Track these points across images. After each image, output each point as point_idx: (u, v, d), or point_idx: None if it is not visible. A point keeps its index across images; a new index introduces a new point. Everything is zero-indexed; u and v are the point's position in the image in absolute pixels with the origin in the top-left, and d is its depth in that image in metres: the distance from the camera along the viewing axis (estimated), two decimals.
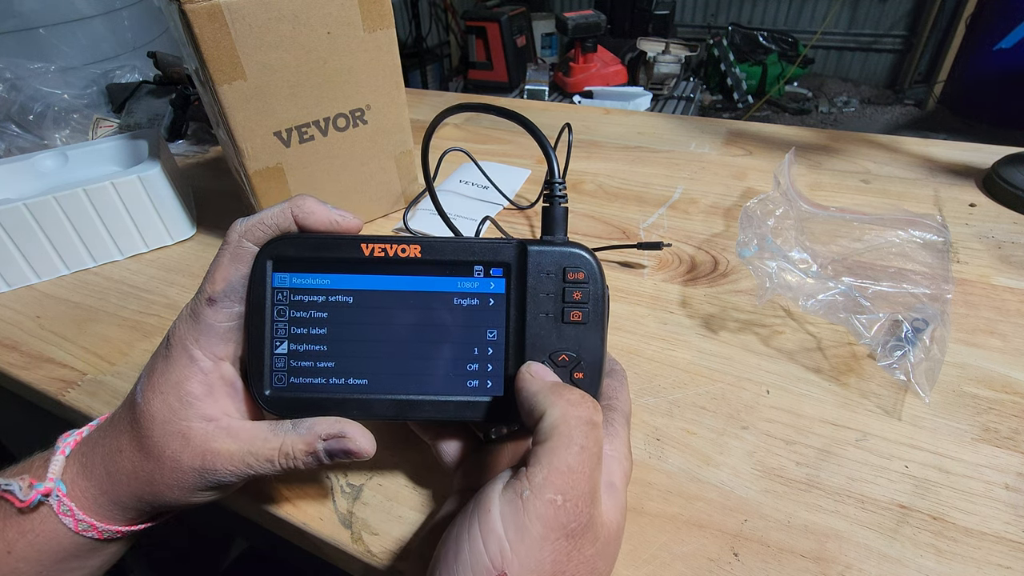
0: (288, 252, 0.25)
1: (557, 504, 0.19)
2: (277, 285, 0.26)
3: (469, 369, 0.26)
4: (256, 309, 0.25)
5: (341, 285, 0.26)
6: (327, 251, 0.25)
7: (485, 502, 0.21)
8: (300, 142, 0.48)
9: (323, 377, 0.26)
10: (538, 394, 0.23)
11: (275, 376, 0.26)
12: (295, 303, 0.26)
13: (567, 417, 0.21)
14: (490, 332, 0.25)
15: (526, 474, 0.20)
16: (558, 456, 0.20)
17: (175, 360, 0.26)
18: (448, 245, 0.25)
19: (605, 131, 0.73)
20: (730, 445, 0.32)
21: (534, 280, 0.25)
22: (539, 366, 0.24)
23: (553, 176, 0.28)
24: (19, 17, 1.02)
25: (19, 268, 0.50)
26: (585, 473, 0.20)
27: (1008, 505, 0.28)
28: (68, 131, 0.73)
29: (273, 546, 0.62)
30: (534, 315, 0.25)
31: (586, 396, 0.22)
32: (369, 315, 0.26)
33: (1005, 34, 2.39)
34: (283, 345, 0.26)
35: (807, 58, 3.03)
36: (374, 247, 0.25)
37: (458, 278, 0.25)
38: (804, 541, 0.27)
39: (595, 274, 0.25)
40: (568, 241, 0.26)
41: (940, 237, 0.43)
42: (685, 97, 2.20)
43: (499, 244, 0.25)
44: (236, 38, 0.41)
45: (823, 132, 0.69)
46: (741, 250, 0.39)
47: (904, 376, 0.34)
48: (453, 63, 3.53)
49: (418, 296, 0.25)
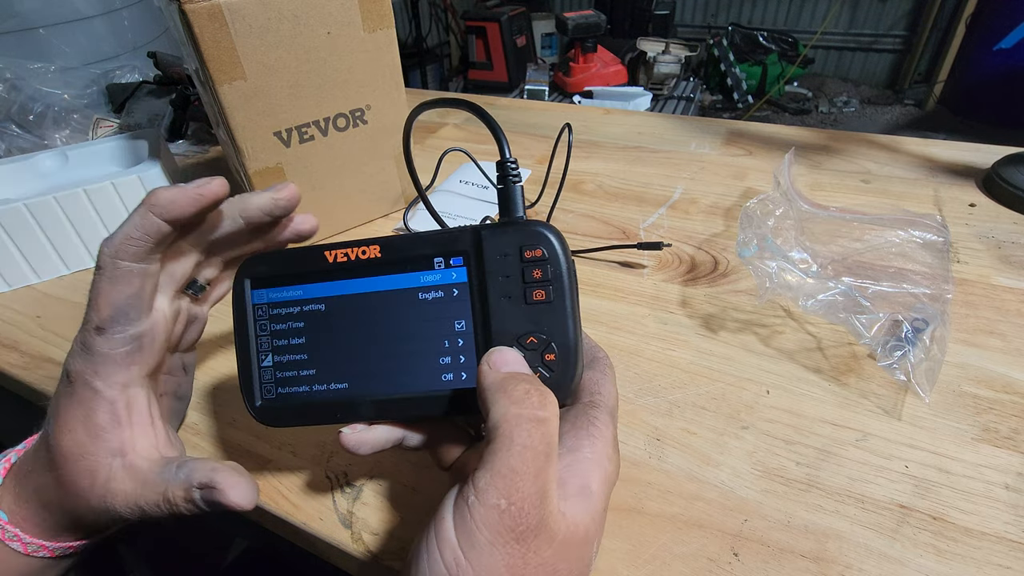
0: (263, 270, 0.27)
1: (501, 508, 0.19)
2: (256, 302, 0.27)
3: (442, 363, 0.25)
4: (240, 327, 0.27)
5: (312, 294, 0.26)
6: (296, 264, 0.26)
7: (441, 510, 0.20)
8: (300, 142, 0.48)
9: (307, 384, 0.26)
10: (487, 389, 0.21)
11: (264, 388, 0.27)
12: (274, 316, 0.27)
13: (508, 416, 0.20)
14: (458, 323, 0.25)
15: (472, 479, 0.20)
16: (499, 458, 0.19)
17: (79, 395, 0.25)
18: (406, 241, 0.26)
19: (605, 131, 0.73)
20: (730, 445, 0.32)
21: (492, 264, 0.24)
22: (500, 354, 0.23)
23: (504, 157, 0.27)
24: (19, 17, 1.02)
25: (19, 268, 0.50)
26: (529, 474, 0.19)
27: (1008, 505, 0.28)
28: (68, 131, 0.73)
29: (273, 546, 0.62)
30: (496, 300, 0.24)
31: (532, 391, 0.21)
32: (342, 320, 0.26)
33: (1005, 34, 2.39)
34: (268, 358, 0.27)
35: (807, 58, 3.03)
36: (336, 253, 0.26)
37: (419, 272, 0.25)
38: (804, 541, 0.27)
39: (555, 249, 0.24)
40: (524, 220, 0.25)
41: (940, 237, 0.43)
42: (685, 97, 2.20)
43: (455, 233, 0.25)
44: (236, 38, 0.41)
45: (823, 132, 0.69)
46: (741, 250, 0.39)
47: (904, 376, 0.34)
48: (453, 63, 3.53)
49: (384, 296, 0.26)
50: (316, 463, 0.33)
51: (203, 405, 0.37)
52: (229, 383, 0.39)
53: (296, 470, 0.32)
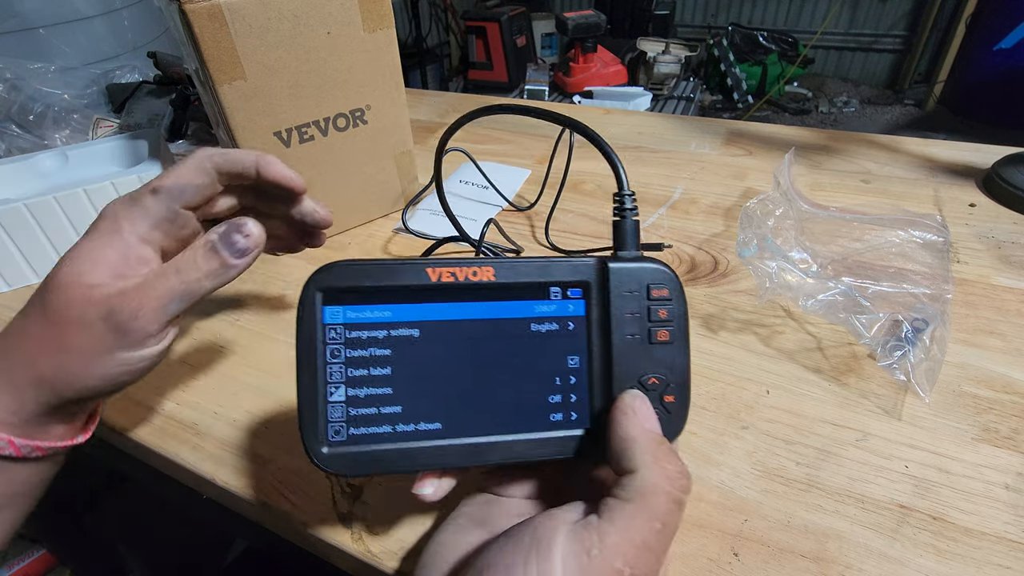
0: (340, 282, 0.22)
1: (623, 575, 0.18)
2: (329, 321, 0.22)
3: (551, 401, 0.23)
4: (306, 350, 0.22)
5: (405, 317, 0.22)
6: (386, 278, 0.22)
7: (546, 541, 0.19)
8: (300, 142, 0.48)
9: (389, 424, 0.23)
10: (636, 443, 0.21)
11: (332, 429, 0.22)
12: (352, 341, 0.22)
13: (659, 489, 0.20)
14: (571, 359, 0.23)
15: (597, 529, 0.19)
16: (636, 527, 0.19)
17: (99, 230, 0.26)
18: (522, 266, 0.23)
19: (605, 131, 0.73)
20: (730, 445, 0.32)
21: (618, 300, 0.23)
22: (643, 403, 0.22)
23: (622, 188, 0.26)
24: (19, 17, 1.02)
25: (19, 268, 0.50)
26: (657, 553, 0.19)
27: (1008, 505, 0.28)
28: (68, 131, 0.73)
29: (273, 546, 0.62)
30: (620, 337, 0.23)
31: (683, 471, 0.21)
32: (439, 349, 0.23)
33: (1005, 34, 2.39)
34: (339, 391, 0.22)
35: (807, 58, 3.03)
36: (442, 272, 0.22)
37: (534, 301, 0.23)
38: (804, 541, 0.27)
39: (678, 290, 0.24)
40: (646, 256, 0.24)
41: (940, 237, 0.43)
42: (685, 97, 2.20)
43: (577, 262, 0.24)
44: (236, 38, 0.41)
45: (823, 132, 0.69)
46: (741, 250, 0.39)
47: (904, 376, 0.34)
48: (453, 63, 3.53)
49: (492, 324, 0.23)
50: None
51: (202, 405, 0.37)
52: (228, 383, 0.39)
53: (296, 470, 0.32)
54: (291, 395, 0.37)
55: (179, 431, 0.35)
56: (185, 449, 0.34)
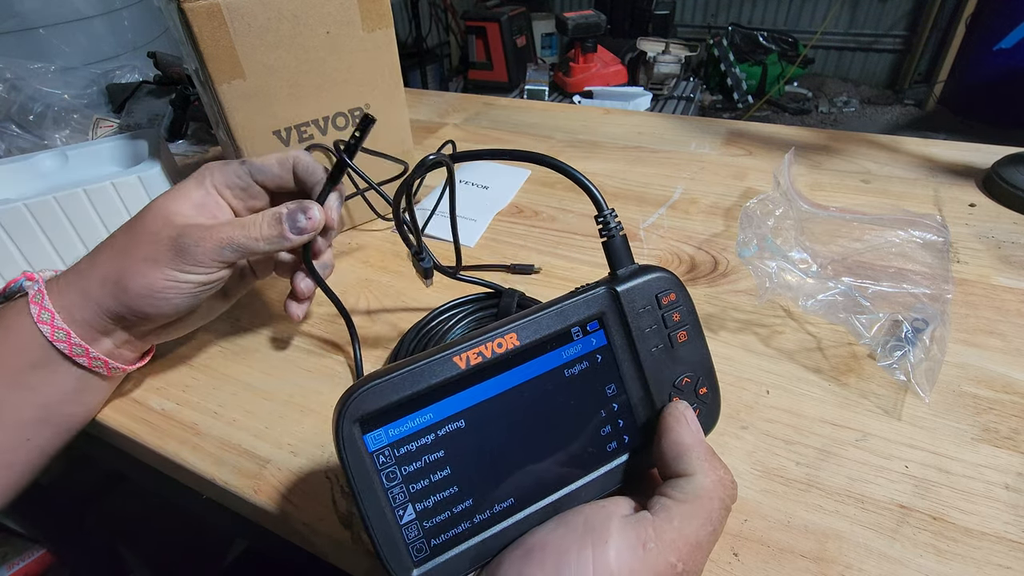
0: (372, 406, 0.21)
1: (677, 570, 0.20)
2: (374, 448, 0.21)
3: (604, 433, 0.24)
4: (363, 484, 0.21)
5: (447, 412, 0.22)
6: (417, 383, 0.21)
7: (602, 531, 0.20)
8: (299, 141, 0.48)
9: (467, 521, 0.22)
10: (692, 450, 0.23)
11: (413, 549, 0.21)
12: (402, 457, 0.21)
13: (714, 495, 0.21)
14: (608, 388, 0.24)
15: (653, 524, 0.21)
16: (692, 526, 0.20)
17: (192, 177, 0.34)
18: (542, 319, 0.23)
19: (605, 131, 0.73)
20: (730, 445, 0.32)
21: (635, 319, 0.24)
22: (692, 412, 0.24)
23: (602, 210, 0.26)
24: (19, 17, 1.02)
25: (19, 268, 0.50)
26: (706, 552, 0.21)
27: (1008, 505, 0.28)
28: (68, 131, 0.73)
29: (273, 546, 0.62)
30: (646, 353, 0.24)
31: (733, 481, 0.23)
32: (488, 429, 0.22)
33: (1005, 34, 2.39)
34: (408, 510, 0.21)
35: (807, 58, 3.02)
36: (468, 355, 0.22)
37: (560, 349, 0.23)
38: (804, 541, 0.27)
39: (682, 289, 0.25)
40: (643, 268, 0.25)
41: (940, 237, 0.43)
42: (685, 97, 2.20)
43: (587, 298, 0.24)
44: (235, 38, 0.41)
45: (823, 132, 0.69)
46: (741, 250, 0.39)
47: (904, 376, 0.34)
48: (453, 63, 3.53)
49: (530, 385, 0.23)
50: (316, 463, 0.33)
51: (202, 404, 0.37)
52: (228, 383, 0.39)
53: (296, 470, 0.32)
54: (291, 396, 0.37)
55: (179, 431, 0.35)
56: (185, 449, 0.34)
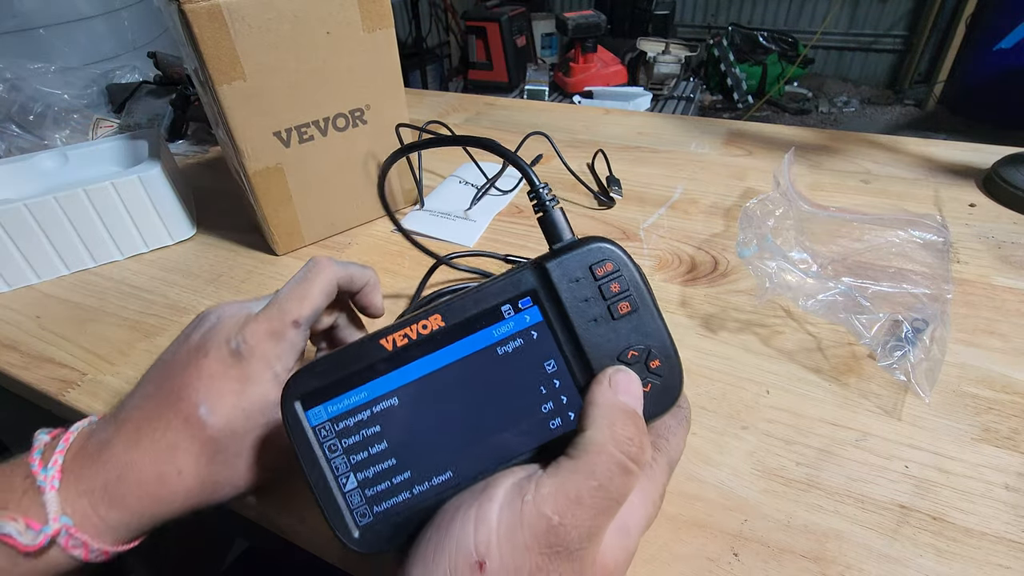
0: (311, 384, 0.23)
1: (552, 523, 0.19)
2: (315, 423, 0.23)
3: (544, 410, 0.24)
4: (306, 457, 0.23)
5: (379, 391, 0.23)
6: (349, 364, 0.23)
7: (492, 490, 0.21)
8: (300, 142, 0.48)
9: (406, 491, 0.23)
10: (594, 406, 0.22)
11: (356, 514, 0.23)
12: (342, 431, 0.23)
13: (602, 449, 0.20)
14: (547, 364, 0.24)
15: (537, 480, 0.20)
16: (573, 480, 0.20)
17: (256, 377, 0.27)
18: (466, 300, 0.23)
19: (605, 131, 0.73)
20: (730, 445, 0.32)
21: (567, 292, 0.24)
22: (625, 376, 0.23)
23: (534, 184, 0.26)
24: (19, 17, 1.02)
25: (19, 268, 0.50)
26: (592, 509, 0.19)
27: (1008, 505, 0.28)
28: (68, 131, 0.73)
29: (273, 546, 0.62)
30: (584, 326, 0.24)
31: (636, 440, 0.21)
32: (422, 406, 0.23)
33: (1005, 34, 2.38)
34: (350, 479, 0.23)
35: (807, 58, 3.02)
36: (394, 337, 0.23)
37: (490, 327, 0.24)
38: (804, 541, 0.27)
39: (622, 259, 0.24)
40: (578, 240, 0.25)
41: (940, 237, 0.43)
42: (685, 97, 2.20)
43: (515, 275, 0.24)
44: (236, 38, 0.41)
45: (823, 132, 0.69)
46: (741, 250, 0.39)
47: (904, 376, 0.34)
48: (453, 63, 3.53)
49: (461, 364, 0.24)
50: None
51: None
52: None
53: (296, 470, 0.32)
54: None
55: None
56: None
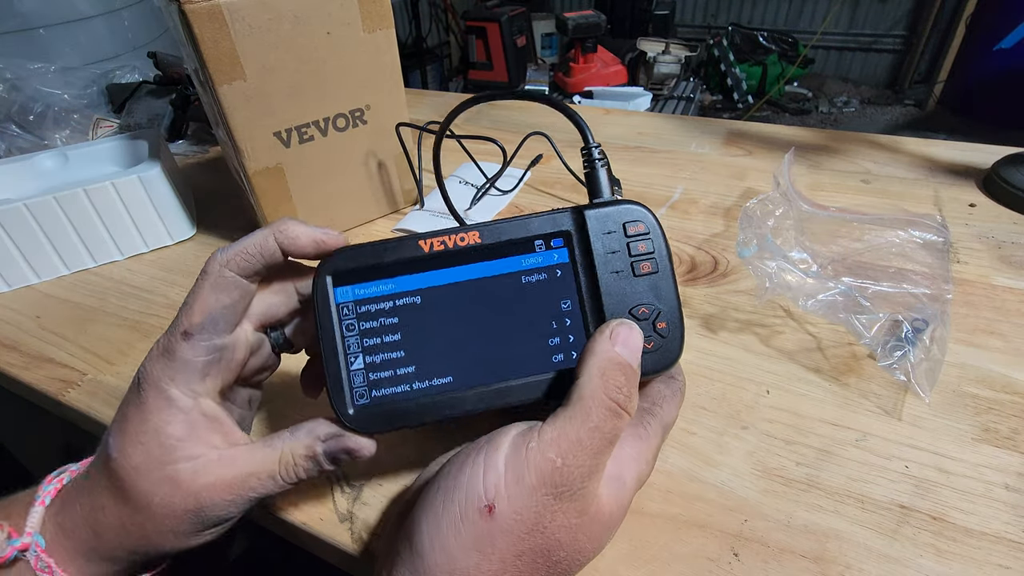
0: (346, 265, 0.25)
1: (556, 464, 0.21)
2: (341, 300, 0.25)
3: (551, 344, 0.25)
4: (325, 329, 0.25)
5: (406, 287, 0.25)
6: (386, 255, 0.25)
7: (498, 440, 0.22)
8: (300, 142, 0.48)
9: (406, 383, 0.25)
10: (592, 355, 0.23)
11: (356, 393, 0.25)
12: (363, 314, 0.25)
13: (596, 395, 0.22)
14: (564, 303, 0.25)
15: (539, 428, 0.22)
16: (571, 425, 0.21)
17: (150, 405, 0.24)
18: (505, 226, 0.25)
19: (605, 131, 0.73)
20: (730, 445, 0.32)
21: (598, 241, 0.25)
22: (627, 329, 0.23)
23: (588, 142, 0.28)
24: (19, 17, 1.02)
25: (19, 268, 0.50)
26: (591, 450, 0.21)
27: (1008, 505, 0.28)
28: (68, 131, 0.73)
29: (273, 546, 0.62)
30: (606, 275, 0.25)
31: (625, 388, 0.22)
32: (441, 311, 0.25)
33: (1005, 34, 2.39)
34: (359, 359, 0.25)
35: (807, 58, 3.02)
36: (432, 242, 0.25)
37: (520, 256, 0.25)
38: (804, 541, 0.27)
39: (655, 225, 0.25)
40: (619, 199, 0.26)
41: (940, 237, 0.43)
42: (685, 97, 2.20)
43: (555, 215, 0.25)
44: (236, 38, 0.41)
45: (823, 132, 0.69)
46: (741, 250, 0.39)
47: (904, 376, 0.34)
48: (453, 63, 3.53)
49: (485, 282, 0.25)
50: None
51: None
52: None
53: None
54: (290, 397, 0.37)
55: None
56: None
